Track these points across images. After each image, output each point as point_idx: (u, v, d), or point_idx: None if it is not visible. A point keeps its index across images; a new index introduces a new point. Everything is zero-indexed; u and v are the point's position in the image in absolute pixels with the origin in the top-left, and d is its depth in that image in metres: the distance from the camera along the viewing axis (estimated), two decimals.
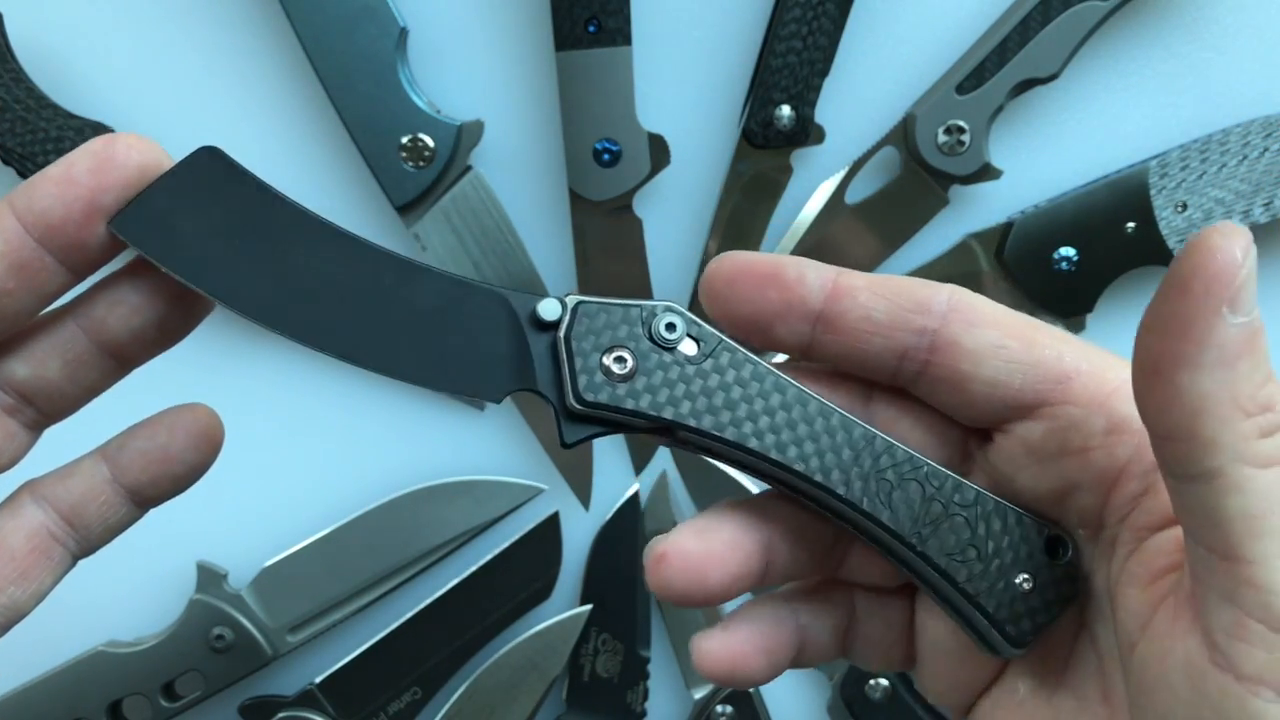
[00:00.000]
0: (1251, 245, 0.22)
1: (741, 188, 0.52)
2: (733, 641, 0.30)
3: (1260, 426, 0.23)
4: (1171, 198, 0.51)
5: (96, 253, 0.27)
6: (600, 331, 0.28)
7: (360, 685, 0.53)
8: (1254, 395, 0.23)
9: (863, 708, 0.54)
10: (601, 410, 0.28)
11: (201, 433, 0.31)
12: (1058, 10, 0.49)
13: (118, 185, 0.27)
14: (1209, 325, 0.22)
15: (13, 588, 0.30)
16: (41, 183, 0.27)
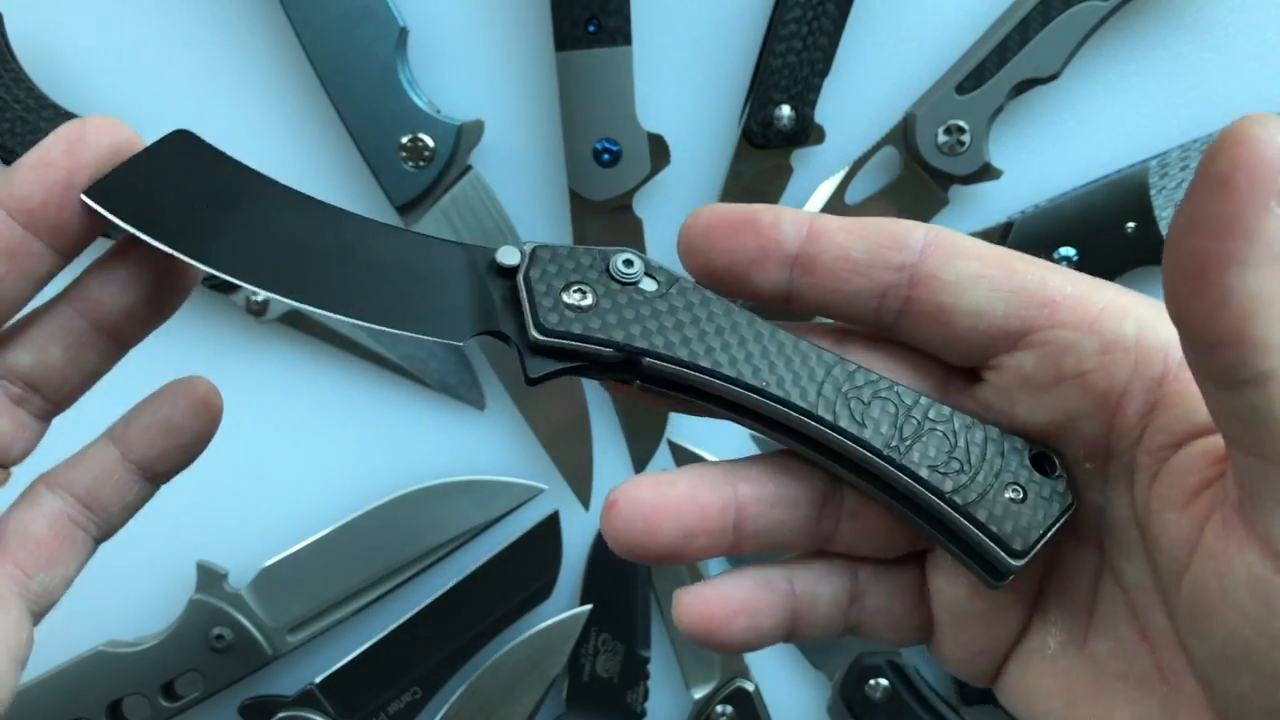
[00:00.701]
0: None
1: (741, 188, 0.52)
2: (712, 596, 0.29)
3: None
4: (1172, 197, 0.51)
5: (80, 231, 0.28)
6: (559, 271, 0.28)
7: (360, 685, 0.53)
8: None
9: (863, 708, 0.54)
10: (565, 340, 0.28)
11: (201, 400, 0.32)
12: (1058, 10, 0.49)
13: (92, 163, 0.28)
14: (1257, 220, 0.21)
15: (42, 574, 0.31)
16: (20, 170, 0.28)
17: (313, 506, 0.55)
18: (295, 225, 0.29)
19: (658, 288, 0.28)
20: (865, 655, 0.54)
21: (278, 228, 0.29)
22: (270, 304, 0.52)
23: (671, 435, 0.55)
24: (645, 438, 0.55)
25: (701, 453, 0.55)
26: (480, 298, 0.29)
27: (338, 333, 0.53)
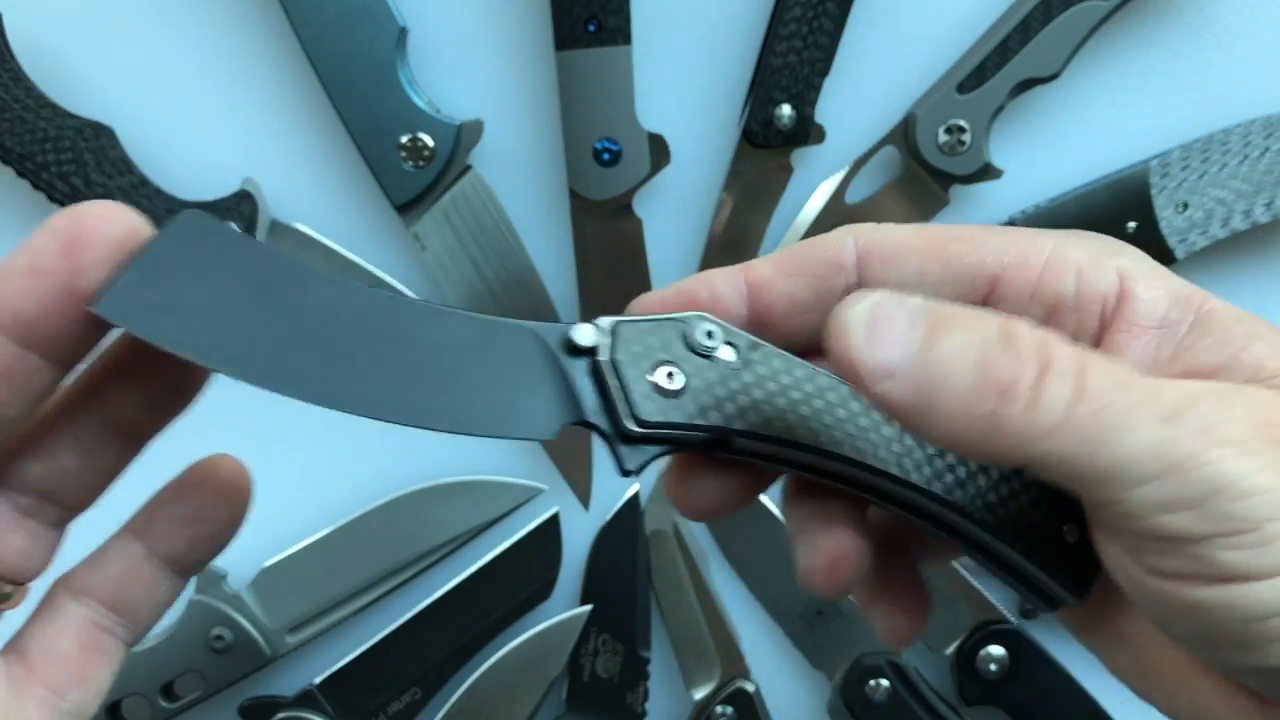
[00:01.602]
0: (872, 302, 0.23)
1: (741, 187, 0.52)
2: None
3: (1014, 408, 0.23)
4: (1172, 197, 0.51)
5: (82, 340, 0.25)
6: (643, 350, 0.27)
7: (360, 686, 0.53)
8: (1014, 378, 0.23)
9: (863, 708, 0.54)
10: (661, 429, 0.27)
11: (230, 484, 0.29)
12: (1058, 10, 0.49)
13: (93, 264, 0.23)
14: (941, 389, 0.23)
15: (74, 691, 0.28)
16: (10, 277, 0.23)
17: (313, 506, 0.55)
18: (338, 318, 0.25)
19: (737, 356, 0.28)
20: (865, 655, 0.54)
21: (318, 322, 0.25)
22: None
23: None
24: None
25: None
26: (557, 383, 0.27)
27: None
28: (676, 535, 0.54)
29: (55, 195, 0.50)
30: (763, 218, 0.53)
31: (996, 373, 0.23)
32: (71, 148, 0.50)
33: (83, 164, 0.50)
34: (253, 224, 0.51)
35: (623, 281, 0.53)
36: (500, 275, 0.52)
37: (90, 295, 0.23)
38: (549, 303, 0.53)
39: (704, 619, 0.54)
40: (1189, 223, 0.51)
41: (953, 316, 0.24)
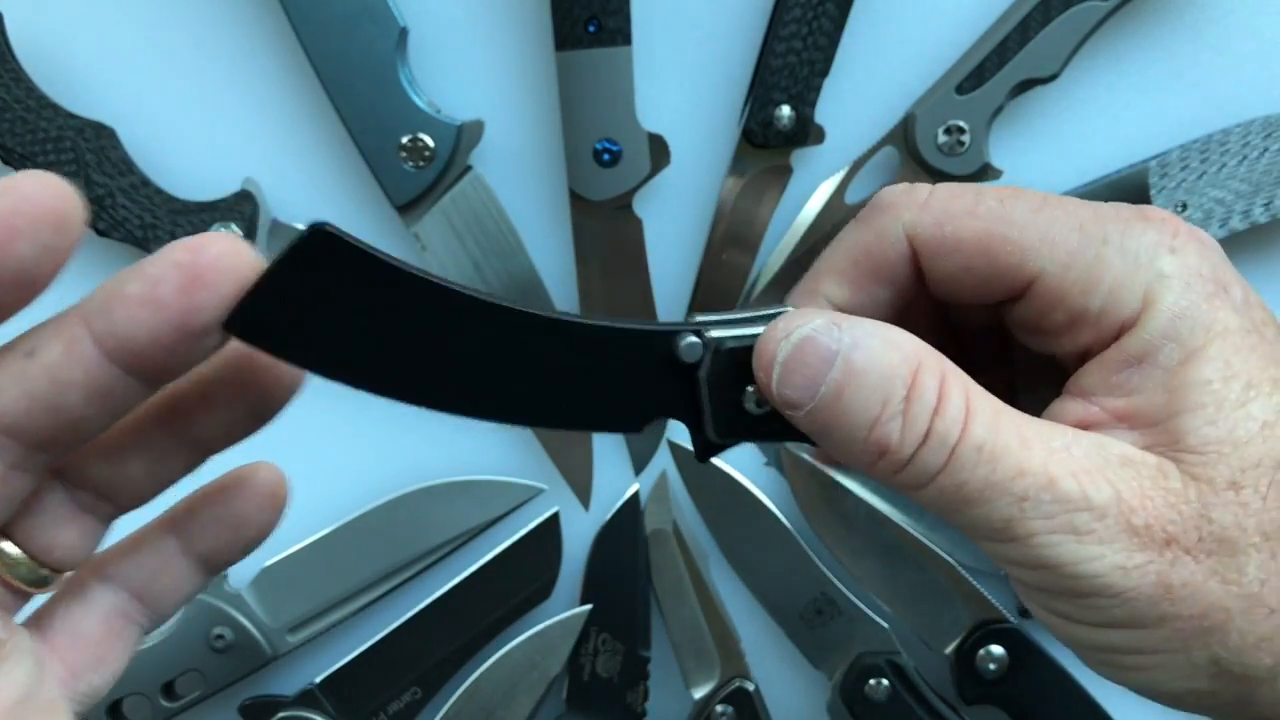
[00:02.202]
0: None
1: (741, 188, 0.52)
2: None
3: (890, 465, 0.26)
4: (1171, 198, 0.51)
5: (182, 366, 0.25)
6: (738, 375, 0.28)
7: (360, 685, 0.53)
8: (897, 446, 0.26)
9: (863, 708, 0.54)
10: (738, 440, 0.29)
11: (271, 494, 0.30)
12: (1058, 10, 0.49)
13: (212, 303, 0.23)
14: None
15: (91, 674, 0.28)
16: (122, 302, 0.24)
17: (313, 506, 0.55)
18: (460, 328, 0.26)
19: None
20: (865, 655, 0.54)
21: (441, 335, 0.26)
22: None
23: (671, 435, 0.55)
24: (645, 438, 0.55)
25: None
26: (653, 380, 0.28)
27: None
28: (676, 535, 0.54)
29: None
30: (763, 218, 0.53)
31: (881, 437, 0.26)
32: (72, 148, 0.50)
33: (84, 164, 0.50)
34: (253, 224, 0.51)
35: (623, 281, 0.53)
36: (500, 275, 0.52)
37: (199, 332, 0.23)
38: (549, 303, 0.53)
39: (704, 618, 0.54)
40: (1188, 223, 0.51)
41: (864, 373, 0.26)
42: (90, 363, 0.24)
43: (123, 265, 0.55)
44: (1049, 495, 0.26)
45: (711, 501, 0.55)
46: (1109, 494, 0.26)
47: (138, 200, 0.50)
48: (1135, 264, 0.28)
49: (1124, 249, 0.28)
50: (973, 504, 0.26)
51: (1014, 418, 0.27)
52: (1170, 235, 0.28)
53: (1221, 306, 0.27)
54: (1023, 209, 0.29)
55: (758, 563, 0.55)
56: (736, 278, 0.54)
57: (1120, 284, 0.28)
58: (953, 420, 0.26)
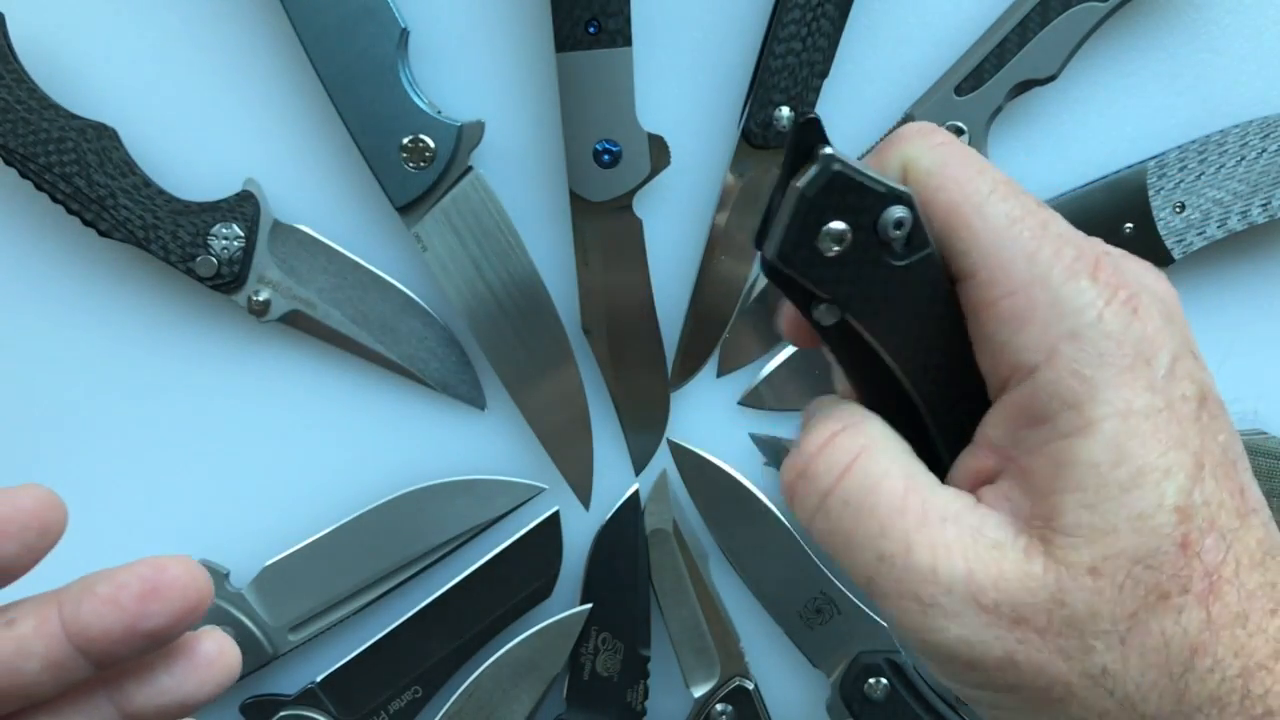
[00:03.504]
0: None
1: (741, 188, 0.53)
2: None
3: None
4: (1169, 198, 0.51)
5: (127, 659, 0.28)
6: (834, 202, 0.28)
7: (361, 684, 0.54)
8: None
9: (862, 707, 0.54)
10: (796, 276, 0.28)
11: (217, 663, 0.31)
12: (1056, 11, 0.49)
13: (162, 613, 0.28)
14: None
15: None
16: (90, 599, 0.28)
17: (313, 506, 0.55)
18: None
19: (907, 257, 0.28)
20: (864, 654, 0.54)
21: None
22: (271, 304, 0.52)
23: (671, 435, 0.55)
24: (645, 438, 0.55)
25: (702, 453, 0.55)
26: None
27: (338, 332, 0.53)
28: (676, 534, 0.55)
29: (57, 196, 0.50)
30: None
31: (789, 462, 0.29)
32: (74, 149, 0.50)
33: (85, 165, 0.50)
34: (254, 224, 0.51)
35: (623, 281, 0.53)
36: (501, 276, 0.53)
37: (148, 635, 0.27)
38: (549, 303, 0.53)
39: (704, 617, 0.55)
40: (1186, 224, 0.51)
41: (817, 427, 0.30)
42: (53, 640, 0.27)
43: (124, 266, 0.55)
44: (901, 562, 0.27)
45: (711, 501, 0.55)
46: (961, 571, 0.27)
47: (139, 201, 0.50)
48: (1057, 315, 0.27)
49: (1056, 297, 0.27)
50: (839, 553, 0.28)
51: (910, 484, 0.28)
52: (1107, 296, 0.27)
53: (1132, 382, 0.27)
54: (1002, 210, 0.28)
55: (758, 562, 0.55)
56: (736, 278, 0.54)
57: (1034, 329, 0.27)
58: (828, 468, 0.28)
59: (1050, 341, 0.27)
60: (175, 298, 0.54)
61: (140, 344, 0.54)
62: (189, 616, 0.28)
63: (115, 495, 0.55)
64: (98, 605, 0.27)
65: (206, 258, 0.51)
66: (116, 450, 0.55)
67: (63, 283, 0.54)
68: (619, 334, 0.54)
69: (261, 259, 0.52)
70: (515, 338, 0.53)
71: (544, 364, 0.53)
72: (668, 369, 0.55)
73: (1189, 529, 0.26)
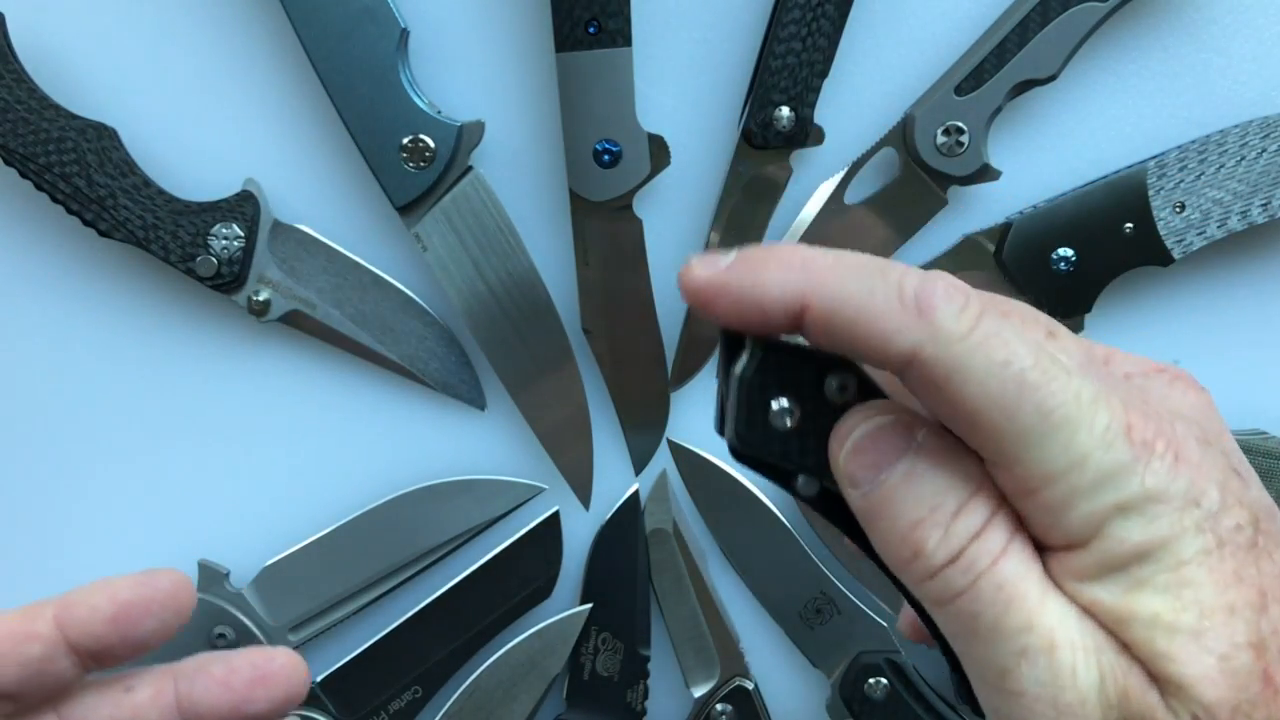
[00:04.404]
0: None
1: (741, 188, 0.53)
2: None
3: (920, 570, 0.27)
4: (1169, 198, 0.51)
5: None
6: (775, 380, 0.28)
7: (361, 684, 0.54)
8: (929, 555, 0.27)
9: (862, 707, 0.54)
10: (758, 456, 0.29)
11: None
12: (1056, 11, 0.49)
13: (265, 698, 0.31)
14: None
15: None
16: (205, 677, 0.31)
17: (313, 506, 0.55)
18: None
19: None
20: (864, 654, 0.54)
21: None
22: (271, 304, 0.52)
23: (671, 435, 0.55)
24: (645, 438, 0.55)
25: (702, 453, 0.55)
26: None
27: (338, 332, 0.53)
28: (676, 534, 0.55)
29: (58, 196, 0.50)
30: (762, 218, 0.53)
31: (919, 539, 0.27)
32: (74, 149, 0.50)
33: (85, 165, 0.50)
34: (254, 225, 0.51)
35: (623, 281, 0.53)
36: (501, 276, 0.53)
37: (256, 714, 0.31)
38: (549, 303, 0.53)
39: (703, 617, 0.55)
40: (1186, 223, 0.51)
41: (926, 476, 0.27)
42: (166, 710, 0.31)
43: (124, 266, 0.55)
44: (1045, 660, 0.26)
45: (711, 501, 0.55)
46: (1095, 680, 0.26)
47: (139, 201, 0.50)
48: (1100, 493, 0.26)
49: (1098, 477, 0.26)
50: (980, 640, 0.27)
51: (1043, 576, 0.27)
52: (1146, 457, 0.26)
53: (1183, 532, 0.26)
54: (1032, 404, 0.26)
55: (757, 562, 0.55)
56: None
57: (1080, 511, 0.26)
58: (986, 551, 0.27)
59: (1098, 519, 0.26)
60: (175, 298, 0.54)
61: (140, 344, 0.54)
62: (288, 705, 0.31)
63: (115, 495, 0.55)
64: (211, 685, 0.31)
65: (206, 258, 0.51)
66: (117, 450, 0.55)
67: (63, 283, 0.54)
68: (619, 334, 0.54)
69: (261, 259, 0.52)
70: (515, 338, 0.53)
71: (544, 364, 0.53)
72: (668, 369, 0.55)
73: (1266, 662, 0.26)
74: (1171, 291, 0.54)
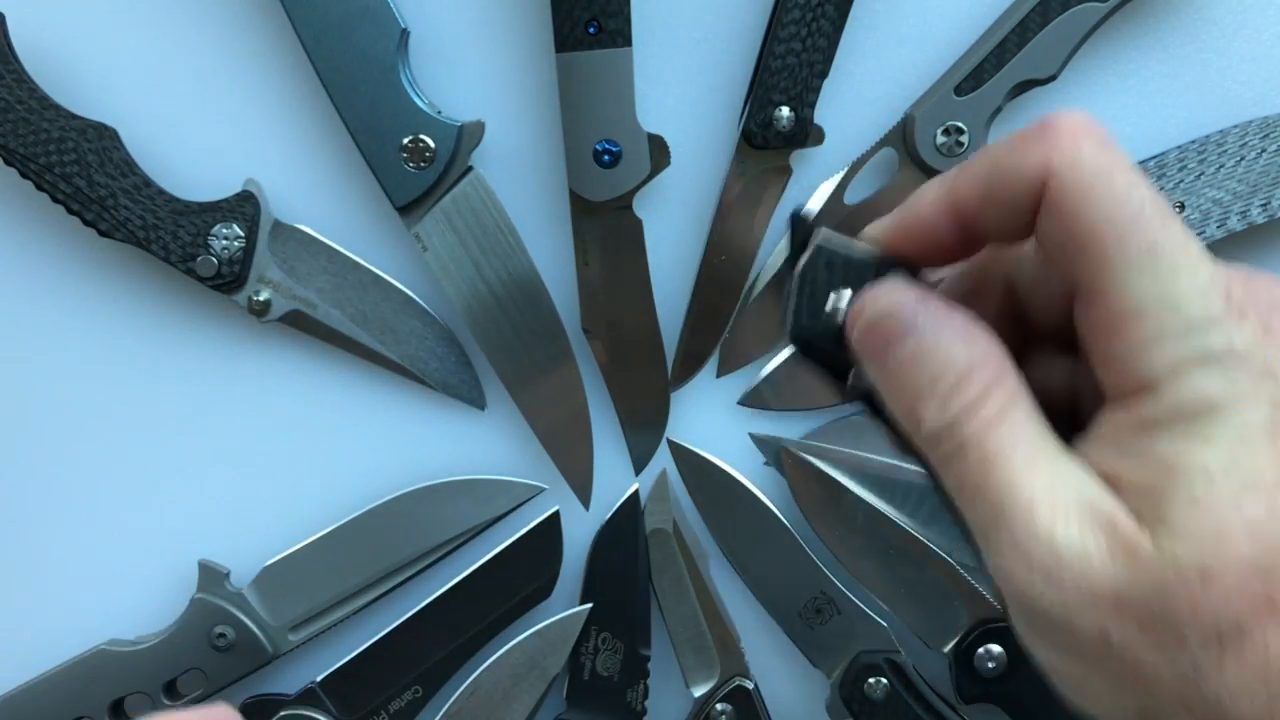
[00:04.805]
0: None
1: (741, 188, 0.53)
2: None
3: (924, 440, 0.29)
4: (1169, 198, 0.51)
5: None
6: (831, 277, 0.31)
7: (361, 684, 0.54)
8: (910, 413, 0.29)
9: (862, 706, 0.54)
10: (818, 346, 0.31)
11: None
12: (1056, 11, 0.49)
13: None
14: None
15: None
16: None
17: (313, 506, 0.55)
18: None
19: None
20: (864, 654, 0.54)
21: None
22: (271, 304, 0.52)
23: (671, 435, 0.55)
24: (645, 437, 0.55)
25: (702, 453, 0.55)
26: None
27: (338, 332, 0.53)
28: (676, 534, 0.55)
29: (58, 197, 0.50)
30: (762, 218, 0.53)
31: (918, 411, 0.29)
32: (75, 149, 0.50)
33: (86, 165, 0.50)
34: (254, 225, 0.51)
35: (623, 282, 0.53)
36: (501, 276, 0.53)
37: None
38: (549, 303, 0.53)
39: (703, 617, 0.55)
40: (1186, 223, 0.51)
41: (927, 354, 0.29)
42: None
43: (124, 266, 0.56)
44: (1021, 521, 0.27)
45: (711, 501, 0.55)
46: (1075, 541, 0.27)
47: (140, 201, 0.50)
48: (1188, 339, 0.27)
49: (1189, 322, 0.26)
50: (966, 501, 0.28)
51: (1040, 443, 0.28)
52: (1237, 318, 0.27)
53: (1256, 400, 0.26)
54: (1143, 238, 0.27)
55: (757, 562, 0.55)
56: (736, 278, 0.54)
57: (1164, 351, 0.27)
58: (976, 420, 0.28)
59: (1178, 362, 0.27)
60: (175, 298, 0.54)
61: (140, 344, 0.54)
62: None
63: (116, 494, 0.55)
64: None
65: (207, 258, 0.51)
66: (117, 449, 0.55)
67: (63, 283, 0.54)
68: (619, 334, 0.54)
69: (262, 259, 0.52)
70: (515, 338, 0.53)
71: (544, 364, 0.54)
72: (668, 369, 0.55)
73: None
74: None
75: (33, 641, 0.55)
